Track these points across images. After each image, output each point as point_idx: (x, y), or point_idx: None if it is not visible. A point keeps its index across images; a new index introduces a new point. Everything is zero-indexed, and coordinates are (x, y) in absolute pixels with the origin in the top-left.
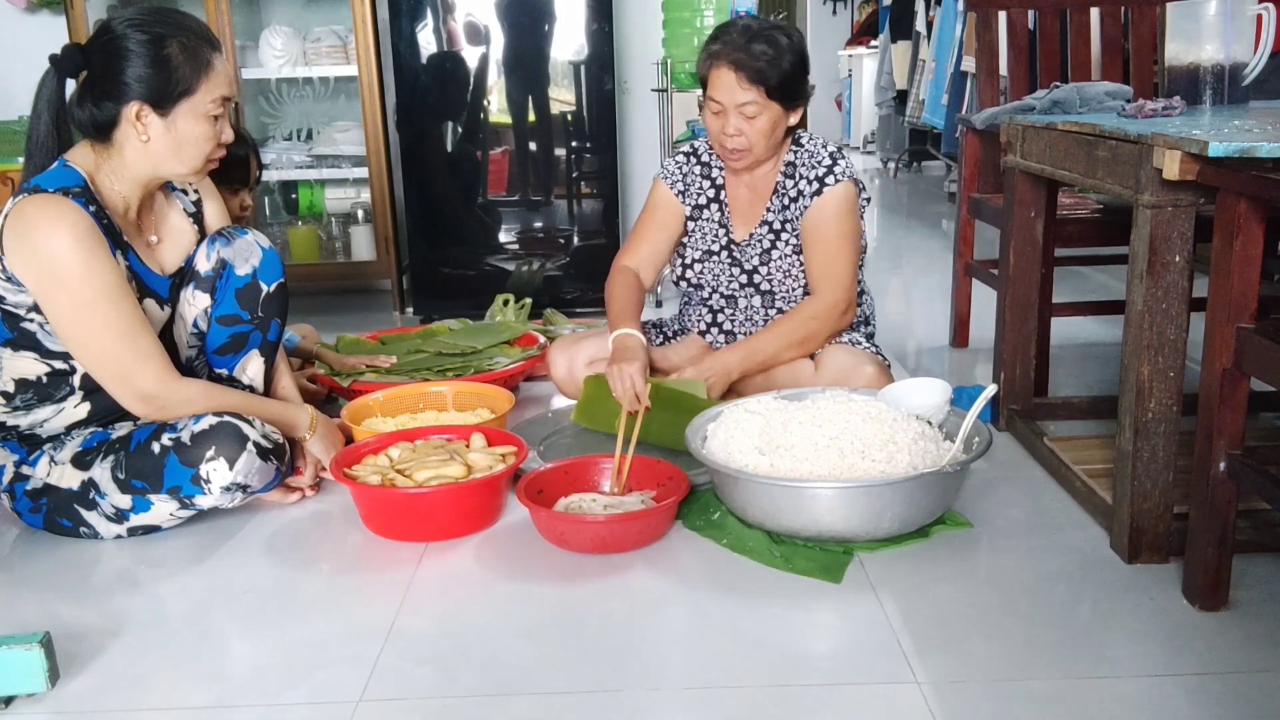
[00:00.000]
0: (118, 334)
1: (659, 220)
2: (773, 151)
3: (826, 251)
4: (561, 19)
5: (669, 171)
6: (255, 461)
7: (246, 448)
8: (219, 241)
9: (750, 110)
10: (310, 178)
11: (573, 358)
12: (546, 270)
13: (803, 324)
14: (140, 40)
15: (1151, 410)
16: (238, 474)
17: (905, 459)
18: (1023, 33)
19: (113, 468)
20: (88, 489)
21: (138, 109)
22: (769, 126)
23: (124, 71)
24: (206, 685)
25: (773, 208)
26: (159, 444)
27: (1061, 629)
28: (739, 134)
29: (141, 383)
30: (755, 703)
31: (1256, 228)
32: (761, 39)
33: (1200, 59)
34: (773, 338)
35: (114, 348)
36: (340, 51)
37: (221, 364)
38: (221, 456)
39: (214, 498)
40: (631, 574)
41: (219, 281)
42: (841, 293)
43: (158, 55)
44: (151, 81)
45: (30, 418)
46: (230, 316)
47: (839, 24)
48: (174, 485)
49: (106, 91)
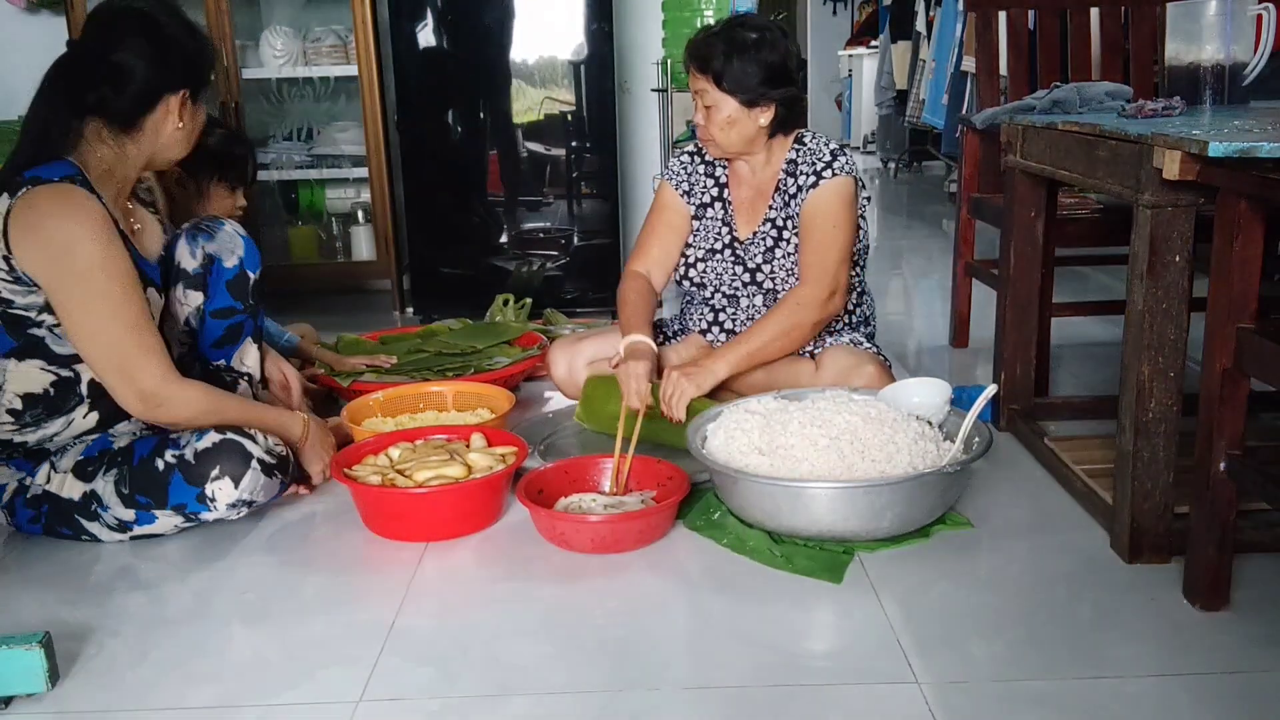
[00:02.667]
0: (127, 325)
1: (666, 221)
2: (745, 148)
3: (818, 241)
4: (561, 19)
5: (673, 172)
6: (260, 479)
7: (251, 465)
8: (201, 237)
9: (706, 99)
10: (310, 178)
11: (573, 358)
12: (546, 270)
13: (788, 314)
14: (181, 28)
15: (1152, 410)
16: (243, 492)
17: (905, 459)
18: (1023, 33)
19: (116, 482)
20: (90, 501)
21: (183, 96)
22: (726, 121)
23: (170, 59)
24: (207, 685)
25: (775, 205)
26: (163, 461)
27: (1062, 629)
28: (702, 125)
29: (143, 378)
30: (755, 703)
31: (1256, 228)
32: (723, 37)
33: (1200, 59)
34: (758, 334)
35: (122, 339)
36: (340, 51)
37: (219, 356)
38: (227, 476)
39: (219, 513)
40: (631, 574)
41: (209, 277)
42: (828, 281)
43: (201, 44)
44: (196, 69)
45: (40, 433)
46: (225, 309)
47: (839, 24)
48: (179, 503)
49: (149, 78)
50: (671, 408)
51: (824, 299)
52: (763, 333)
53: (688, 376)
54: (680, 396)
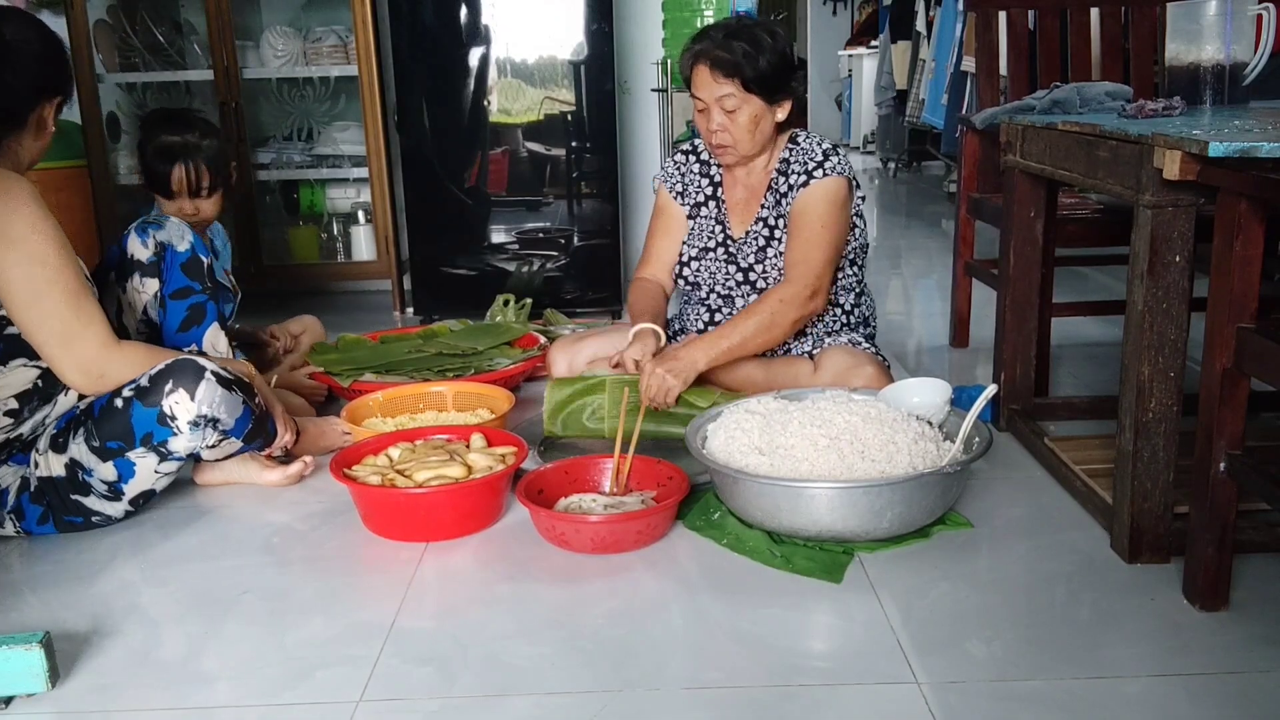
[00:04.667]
0: (66, 291)
1: (664, 226)
2: (761, 147)
3: (804, 239)
4: (561, 19)
5: (667, 173)
6: (216, 390)
7: (204, 377)
8: (151, 228)
9: (729, 104)
10: (310, 178)
11: (573, 358)
12: (546, 270)
13: (768, 311)
14: (53, 37)
15: (1152, 410)
16: (201, 404)
17: (905, 459)
18: (1023, 33)
19: (86, 439)
20: (75, 470)
21: (59, 101)
22: (750, 120)
23: (50, 66)
24: (207, 685)
25: (767, 204)
26: (121, 399)
27: (1061, 629)
28: (722, 129)
29: (84, 346)
30: (755, 703)
31: (1256, 228)
32: (738, 36)
33: (1200, 59)
34: (738, 329)
35: (62, 306)
36: (340, 51)
37: (187, 340)
38: (180, 388)
39: (185, 437)
40: (631, 574)
41: (163, 264)
42: (811, 280)
43: (65, 52)
44: (68, 77)
45: (34, 421)
46: (182, 289)
47: (839, 24)
48: (145, 433)
49: (37, 83)
50: (659, 401)
51: (805, 298)
52: (742, 329)
53: (670, 371)
54: (666, 392)
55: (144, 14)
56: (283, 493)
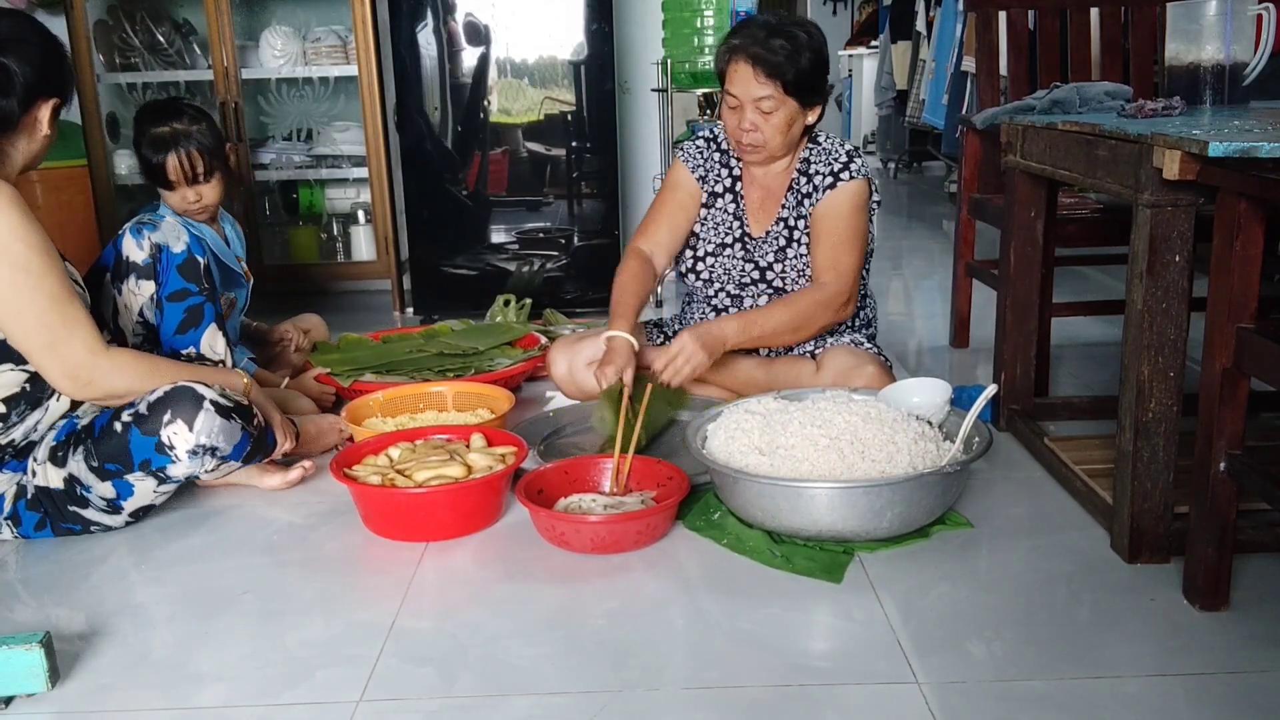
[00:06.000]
0: (51, 296)
1: (678, 201)
2: (788, 149)
3: (835, 244)
4: (561, 19)
5: (689, 154)
6: (215, 420)
7: (203, 407)
8: (146, 229)
9: (767, 105)
10: (310, 178)
11: (573, 358)
12: (546, 270)
13: (803, 310)
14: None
15: (1151, 410)
16: (199, 434)
17: (905, 459)
18: (1023, 33)
19: (85, 457)
20: (73, 485)
21: (55, 104)
22: (784, 123)
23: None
24: (206, 685)
25: (788, 204)
26: (120, 423)
27: (1061, 629)
28: (754, 129)
29: (70, 352)
30: (755, 703)
31: (1256, 228)
32: (781, 34)
33: (1200, 59)
34: (772, 316)
35: (46, 311)
36: (340, 51)
37: (185, 343)
38: (179, 419)
39: (184, 464)
40: (631, 574)
41: (158, 266)
42: (845, 285)
43: (64, 53)
44: (67, 79)
45: (24, 427)
46: (179, 291)
47: (839, 24)
48: (143, 459)
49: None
50: (677, 371)
51: (840, 305)
52: (775, 321)
53: (701, 344)
54: (692, 365)
55: (143, 14)
56: (283, 493)
